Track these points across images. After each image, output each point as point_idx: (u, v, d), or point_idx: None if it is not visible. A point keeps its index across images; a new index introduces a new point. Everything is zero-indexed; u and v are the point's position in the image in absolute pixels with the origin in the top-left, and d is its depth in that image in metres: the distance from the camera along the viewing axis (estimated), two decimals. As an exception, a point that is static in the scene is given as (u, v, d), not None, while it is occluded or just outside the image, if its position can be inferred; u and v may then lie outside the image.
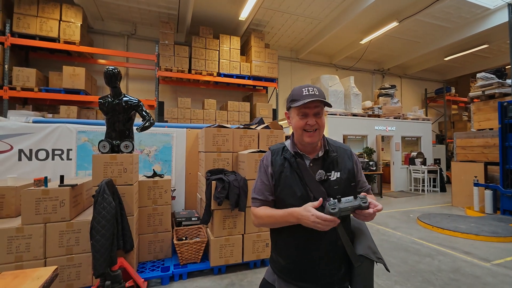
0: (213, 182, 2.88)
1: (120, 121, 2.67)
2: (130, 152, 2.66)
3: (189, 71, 7.42)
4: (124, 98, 2.67)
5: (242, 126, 3.56)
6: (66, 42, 6.22)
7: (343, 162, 1.14)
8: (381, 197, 7.69)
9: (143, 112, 2.75)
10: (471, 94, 6.75)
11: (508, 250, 3.65)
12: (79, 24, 6.31)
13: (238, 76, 7.79)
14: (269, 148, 1.22)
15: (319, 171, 1.07)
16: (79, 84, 6.19)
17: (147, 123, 2.75)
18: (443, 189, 8.69)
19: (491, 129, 6.09)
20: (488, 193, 5.56)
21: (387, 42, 9.43)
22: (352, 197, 0.88)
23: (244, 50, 8.45)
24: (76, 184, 2.50)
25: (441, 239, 4.12)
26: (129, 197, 2.57)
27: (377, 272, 2.99)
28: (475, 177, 5.88)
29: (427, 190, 8.43)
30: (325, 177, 1.07)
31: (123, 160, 2.55)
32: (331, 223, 0.86)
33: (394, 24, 7.51)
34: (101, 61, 7.35)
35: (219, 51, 7.61)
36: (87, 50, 6.51)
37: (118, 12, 7.31)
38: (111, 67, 2.56)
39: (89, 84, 6.59)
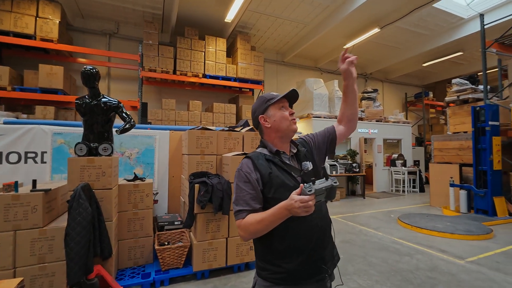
0: (196, 186, 2.84)
1: (99, 123, 2.58)
2: (109, 155, 2.57)
3: (174, 72, 7.30)
4: (103, 99, 2.59)
5: (227, 129, 3.54)
6: (43, 40, 5.94)
7: (310, 154, 1.26)
8: (364, 198, 7.88)
9: (123, 114, 2.67)
10: (447, 98, 7.08)
11: (480, 248, 3.84)
12: (57, 21, 6.06)
13: (224, 78, 7.75)
14: (246, 157, 1.18)
15: (303, 163, 1.16)
16: (57, 83, 5.93)
17: (127, 125, 2.67)
18: (422, 190, 9.03)
19: (465, 132, 6.40)
20: (463, 193, 5.83)
21: (370, 47, 9.73)
22: (324, 179, 0.96)
23: (230, 52, 8.43)
24: (50, 189, 2.38)
25: (419, 238, 4.27)
26: (108, 202, 2.48)
27: (358, 273, 3.05)
28: (451, 178, 6.16)
29: (407, 190, 8.73)
30: (309, 167, 1.17)
31: (102, 163, 2.46)
32: (312, 203, 0.89)
33: (376, 30, 7.76)
34: (81, 60, 7.08)
35: (204, 52, 7.54)
36: (66, 48, 6.25)
37: (100, 10, 7.08)
38: (88, 67, 2.47)
39: (67, 83, 6.33)
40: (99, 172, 2.45)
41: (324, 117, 8.15)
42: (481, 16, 5.99)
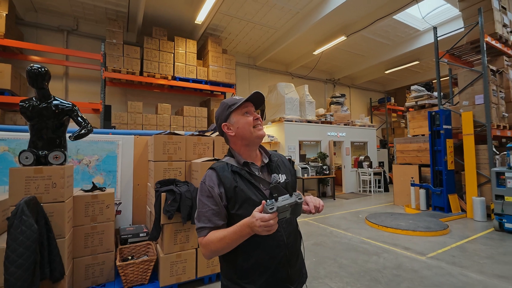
0: (163, 194, 2.66)
1: (49, 128, 2.31)
2: (62, 164, 2.30)
3: (141, 74, 6.94)
4: (54, 102, 2.32)
5: (197, 133, 3.41)
6: (-15, 34, 5.30)
7: (284, 165, 1.20)
8: (334, 199, 8.13)
9: (79, 118, 2.43)
10: (406, 104, 7.62)
11: (439, 243, 4.12)
12: (4, 14, 5.44)
13: (194, 81, 7.55)
14: (210, 168, 1.08)
15: (273, 175, 1.08)
16: (3, 83, 5.30)
17: (83, 130, 2.43)
18: (386, 189, 9.57)
19: (423, 135, 6.92)
20: (422, 192, 6.26)
21: (337, 54, 10.17)
22: (288, 195, 0.89)
23: (201, 54, 8.26)
24: (-13, 204, 2.06)
25: (385, 237, 4.47)
26: (59, 217, 2.22)
27: (330, 275, 3.08)
28: (412, 178, 6.59)
29: (373, 190, 9.20)
30: (280, 179, 1.09)
31: (52, 173, 2.20)
32: (274, 221, 0.83)
33: (343, 38, 8.13)
34: (34, 57, 6.42)
35: (174, 53, 7.29)
36: (14, 44, 5.63)
37: (55, 3, 6.50)
38: (36, 65, 2.20)
39: (16, 83, 5.69)
40: (49, 183, 2.18)
41: (296, 121, 8.29)
42: (435, 28, 6.54)
